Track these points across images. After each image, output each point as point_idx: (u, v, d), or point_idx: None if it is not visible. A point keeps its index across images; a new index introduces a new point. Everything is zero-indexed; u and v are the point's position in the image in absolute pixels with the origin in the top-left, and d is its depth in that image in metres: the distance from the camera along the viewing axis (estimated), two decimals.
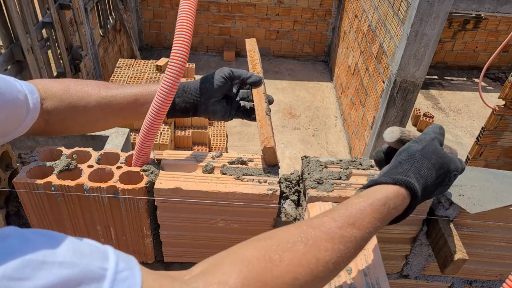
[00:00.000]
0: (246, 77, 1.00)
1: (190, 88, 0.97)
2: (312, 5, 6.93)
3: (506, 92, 3.48)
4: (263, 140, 0.89)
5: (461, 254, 0.78)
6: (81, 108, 0.92)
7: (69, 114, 0.92)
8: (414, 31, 3.72)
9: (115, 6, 5.76)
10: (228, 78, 0.97)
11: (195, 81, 0.99)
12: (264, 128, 0.91)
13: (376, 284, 0.70)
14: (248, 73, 1.01)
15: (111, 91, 0.94)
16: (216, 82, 0.96)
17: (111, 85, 0.97)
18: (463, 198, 0.86)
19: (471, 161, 4.04)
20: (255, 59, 1.11)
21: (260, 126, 0.92)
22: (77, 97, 0.92)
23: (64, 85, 0.93)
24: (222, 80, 0.96)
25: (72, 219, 0.90)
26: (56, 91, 0.91)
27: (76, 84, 0.94)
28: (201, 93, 0.97)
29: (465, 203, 0.85)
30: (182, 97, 0.97)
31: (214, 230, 0.92)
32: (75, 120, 0.94)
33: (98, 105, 0.93)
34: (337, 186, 0.87)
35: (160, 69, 4.28)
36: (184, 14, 0.79)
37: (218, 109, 0.99)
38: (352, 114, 5.59)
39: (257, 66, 1.08)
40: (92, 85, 0.95)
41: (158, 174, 0.88)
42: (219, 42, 7.35)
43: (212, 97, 0.97)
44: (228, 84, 0.98)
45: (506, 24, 6.99)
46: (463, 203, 0.85)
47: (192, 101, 0.97)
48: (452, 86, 7.21)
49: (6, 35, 3.21)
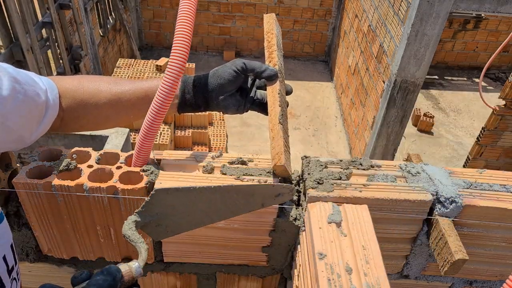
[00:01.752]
0: (260, 71, 0.93)
1: (200, 83, 0.94)
2: (312, 5, 6.93)
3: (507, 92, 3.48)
4: (274, 156, 0.84)
5: (461, 254, 0.78)
6: (92, 106, 0.92)
7: (81, 111, 0.92)
8: (414, 31, 3.72)
9: (115, 6, 5.76)
10: (240, 72, 0.92)
11: (205, 75, 0.94)
12: (275, 141, 0.84)
13: (376, 284, 0.70)
14: (262, 66, 0.93)
15: (121, 87, 0.93)
16: (227, 76, 0.92)
17: (121, 81, 0.95)
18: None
19: (471, 161, 4.04)
20: (272, 44, 0.99)
21: (271, 137, 0.85)
22: (89, 94, 0.92)
23: (77, 82, 0.93)
24: (233, 74, 0.92)
25: (71, 219, 0.90)
26: (70, 88, 0.91)
27: (88, 81, 0.94)
28: (212, 88, 0.93)
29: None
30: (193, 93, 0.93)
31: (214, 230, 0.92)
32: (87, 118, 0.94)
33: (108, 102, 0.92)
34: (337, 186, 0.87)
35: (160, 69, 4.28)
36: (184, 14, 0.79)
37: (231, 103, 0.95)
38: (352, 114, 5.58)
39: (274, 55, 0.97)
40: (103, 81, 0.94)
41: (158, 174, 0.88)
42: (219, 42, 7.35)
43: (223, 92, 0.93)
44: (240, 78, 0.93)
45: (507, 24, 6.99)
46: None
47: (202, 97, 0.94)
48: (453, 86, 7.21)
49: (5, 35, 3.21)
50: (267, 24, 1.02)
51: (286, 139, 0.88)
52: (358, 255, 0.75)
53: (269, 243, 0.95)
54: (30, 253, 0.98)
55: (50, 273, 1.05)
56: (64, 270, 1.04)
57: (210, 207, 0.79)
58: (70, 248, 0.97)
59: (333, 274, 0.71)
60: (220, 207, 0.79)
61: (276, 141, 0.84)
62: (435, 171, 0.93)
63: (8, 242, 0.74)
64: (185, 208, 0.78)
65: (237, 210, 0.81)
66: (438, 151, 5.81)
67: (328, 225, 0.80)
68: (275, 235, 0.93)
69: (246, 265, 1.02)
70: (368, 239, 0.77)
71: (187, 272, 1.05)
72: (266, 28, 1.00)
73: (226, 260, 1.00)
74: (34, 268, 1.03)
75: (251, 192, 0.79)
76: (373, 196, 0.83)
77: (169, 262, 1.02)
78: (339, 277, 0.71)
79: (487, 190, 0.90)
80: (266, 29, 1.00)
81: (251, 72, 0.94)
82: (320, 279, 0.71)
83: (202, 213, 0.79)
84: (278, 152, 0.84)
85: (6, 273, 0.71)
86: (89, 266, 1.03)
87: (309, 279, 0.77)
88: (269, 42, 0.99)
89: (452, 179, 0.91)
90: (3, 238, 0.72)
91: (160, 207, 0.76)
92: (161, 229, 0.79)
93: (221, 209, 0.79)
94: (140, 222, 0.75)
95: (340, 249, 0.76)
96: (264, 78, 0.94)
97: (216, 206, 0.79)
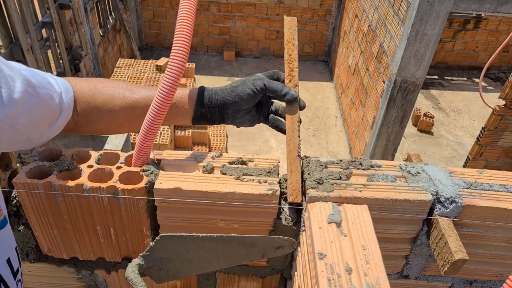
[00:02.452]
0: (280, 94, 0.91)
1: (218, 98, 0.93)
2: (312, 5, 6.93)
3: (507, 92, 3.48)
4: (291, 192, 0.83)
5: (461, 254, 0.78)
6: (106, 112, 0.92)
7: (95, 116, 0.92)
8: (414, 31, 3.72)
9: (115, 6, 5.76)
10: (259, 92, 0.92)
11: (223, 90, 0.94)
12: (293, 176, 0.80)
13: (376, 284, 0.70)
14: (283, 89, 0.91)
15: (136, 95, 0.93)
16: (246, 96, 0.91)
17: (137, 88, 0.95)
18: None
19: (471, 161, 4.04)
20: (293, 58, 0.91)
21: (289, 170, 0.82)
22: (103, 100, 0.92)
23: (92, 87, 0.93)
24: (251, 94, 0.91)
25: (72, 219, 0.90)
26: (85, 92, 0.91)
27: (103, 86, 0.93)
28: (229, 105, 0.93)
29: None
30: (208, 108, 0.93)
31: (214, 230, 0.92)
32: (101, 123, 0.94)
33: (122, 109, 0.92)
34: (337, 186, 0.87)
35: (160, 69, 4.28)
36: (184, 14, 0.79)
37: (247, 119, 0.95)
38: (352, 114, 5.58)
39: (295, 72, 0.92)
40: (118, 87, 0.94)
41: (158, 174, 0.88)
42: (219, 42, 7.35)
43: (240, 110, 0.93)
44: (258, 97, 0.93)
45: (507, 24, 6.99)
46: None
47: (219, 112, 0.94)
48: (453, 86, 7.22)
49: (5, 35, 3.21)
50: (288, 30, 0.92)
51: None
52: (358, 255, 0.75)
53: None
54: (30, 253, 0.98)
55: (50, 273, 1.05)
56: (64, 270, 1.04)
57: (212, 255, 0.81)
58: (70, 248, 0.97)
59: (333, 274, 0.71)
60: (221, 255, 0.81)
61: (294, 176, 0.82)
62: (435, 171, 0.93)
63: (13, 245, 0.74)
64: (187, 254, 0.80)
65: (238, 259, 0.82)
66: (438, 151, 5.81)
67: (328, 225, 0.80)
68: (275, 235, 0.93)
69: (246, 265, 1.02)
70: (368, 239, 0.77)
71: None
72: (287, 37, 0.91)
73: None
74: (34, 268, 1.03)
75: (253, 243, 0.80)
76: (373, 196, 0.83)
77: None
78: (339, 277, 0.71)
79: (487, 190, 0.90)
80: (287, 38, 0.91)
81: (271, 93, 0.93)
82: (320, 279, 0.71)
83: (203, 260, 0.81)
84: (296, 188, 0.84)
85: (11, 275, 0.72)
86: (89, 266, 1.03)
87: (309, 279, 0.77)
88: (290, 55, 0.93)
89: (452, 179, 0.91)
90: (7, 241, 0.73)
91: (164, 252, 0.79)
92: (163, 273, 0.82)
93: (222, 257, 0.81)
94: (143, 266, 0.78)
95: (340, 249, 0.76)
96: (284, 101, 0.93)
97: (218, 254, 0.80)
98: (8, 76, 0.71)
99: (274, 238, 0.82)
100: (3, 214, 0.70)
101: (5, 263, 0.70)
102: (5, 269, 0.70)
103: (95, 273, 1.05)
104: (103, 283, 1.09)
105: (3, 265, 0.70)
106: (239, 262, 0.82)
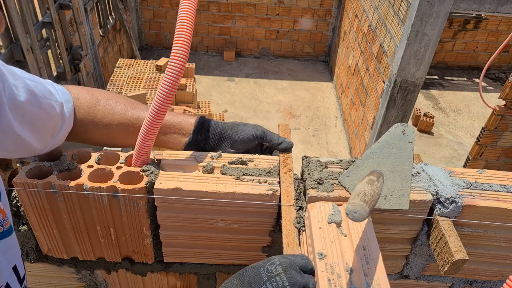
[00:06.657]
0: (276, 143, 0.96)
1: (216, 131, 0.96)
2: (312, 5, 6.92)
3: (507, 92, 3.48)
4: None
5: (461, 254, 0.78)
6: (103, 125, 0.92)
7: (91, 128, 0.92)
8: (414, 31, 3.72)
9: (115, 6, 5.76)
10: (257, 138, 0.95)
11: (224, 124, 0.97)
12: (290, 248, 0.79)
13: (376, 284, 0.70)
14: (279, 138, 0.96)
15: (136, 113, 0.94)
16: (244, 136, 0.95)
17: (139, 105, 0.96)
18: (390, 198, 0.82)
19: (471, 161, 4.04)
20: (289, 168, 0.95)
21: (286, 243, 0.80)
22: (103, 113, 0.92)
23: (94, 99, 0.93)
24: (250, 138, 0.95)
25: (72, 219, 0.90)
26: (85, 103, 0.92)
27: (106, 99, 0.94)
28: (224, 138, 0.96)
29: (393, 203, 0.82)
30: (205, 136, 0.96)
31: (214, 230, 0.92)
32: (95, 135, 0.94)
33: (120, 125, 0.93)
34: (337, 186, 0.87)
35: (160, 69, 4.28)
36: (184, 14, 0.79)
37: (236, 152, 0.97)
38: (352, 114, 5.58)
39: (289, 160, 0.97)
40: (120, 103, 0.94)
41: (158, 174, 0.88)
42: (219, 42, 7.35)
43: (233, 147, 0.96)
44: (254, 143, 0.96)
45: (507, 24, 6.98)
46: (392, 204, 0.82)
47: (212, 143, 0.96)
48: (453, 86, 7.21)
49: (5, 35, 3.20)
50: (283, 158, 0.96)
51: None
52: (358, 255, 0.75)
53: (269, 243, 0.95)
54: (30, 253, 0.98)
55: (50, 273, 1.05)
56: (64, 270, 1.04)
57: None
58: (70, 248, 0.97)
59: (333, 274, 0.71)
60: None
61: (292, 248, 0.79)
62: (435, 171, 0.93)
63: (18, 253, 0.75)
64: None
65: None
66: (438, 151, 5.80)
67: (328, 225, 0.80)
68: (275, 235, 0.93)
69: (246, 265, 1.01)
70: (368, 239, 0.77)
71: (187, 272, 1.05)
72: (281, 159, 0.95)
73: (226, 260, 1.00)
74: (34, 268, 1.03)
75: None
76: None
77: (169, 262, 1.02)
78: (339, 277, 0.71)
79: (487, 190, 0.90)
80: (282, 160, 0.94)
81: (267, 142, 0.96)
82: (320, 279, 0.71)
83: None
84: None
85: (18, 282, 0.72)
86: (89, 266, 1.03)
87: None
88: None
89: (452, 179, 0.91)
90: (14, 248, 0.73)
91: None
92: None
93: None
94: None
95: (340, 249, 0.76)
96: (279, 150, 0.97)
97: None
98: (13, 86, 0.72)
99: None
100: (9, 223, 0.71)
101: (11, 270, 0.71)
102: (12, 276, 0.70)
103: (95, 273, 1.05)
104: (103, 283, 1.09)
105: (9, 273, 0.70)
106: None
